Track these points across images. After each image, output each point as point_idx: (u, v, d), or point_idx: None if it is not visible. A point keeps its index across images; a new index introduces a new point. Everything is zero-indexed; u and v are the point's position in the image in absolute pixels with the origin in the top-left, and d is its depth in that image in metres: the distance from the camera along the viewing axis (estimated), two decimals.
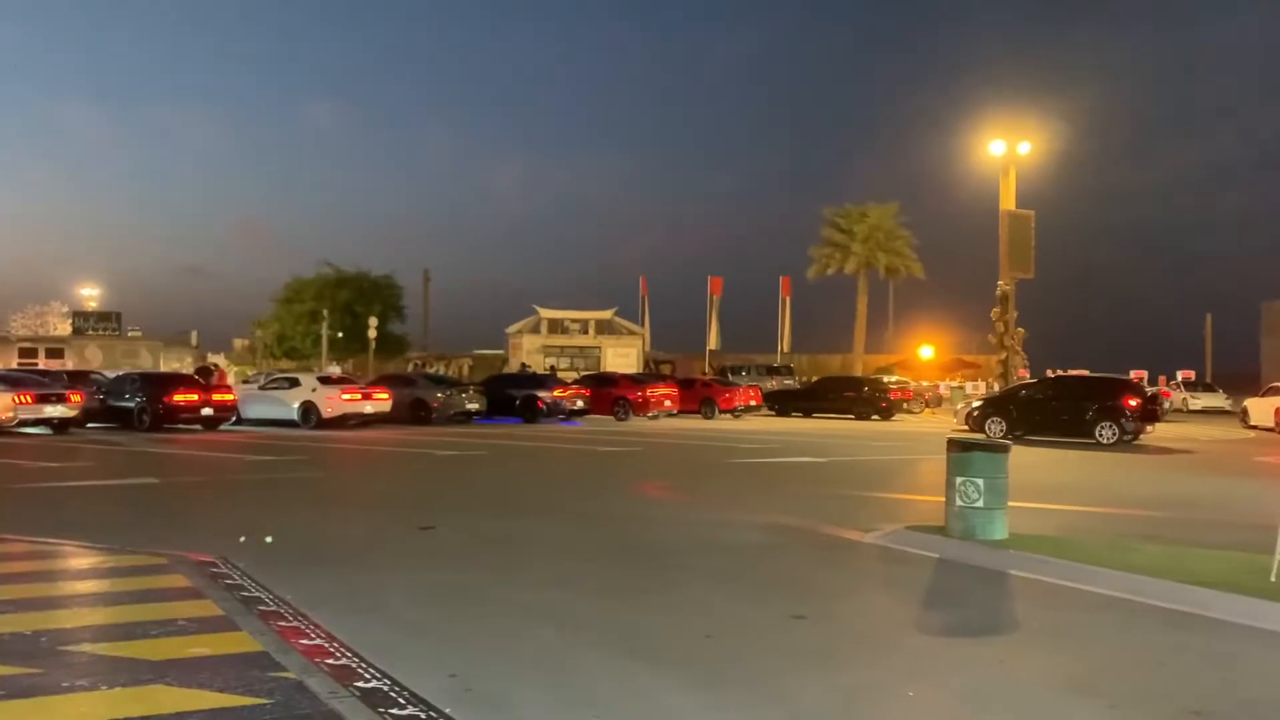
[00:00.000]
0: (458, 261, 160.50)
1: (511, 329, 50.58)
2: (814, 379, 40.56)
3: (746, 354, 52.11)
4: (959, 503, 8.69)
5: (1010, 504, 8.79)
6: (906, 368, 51.04)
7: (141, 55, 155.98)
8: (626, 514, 11.16)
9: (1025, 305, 31.47)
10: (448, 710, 4.42)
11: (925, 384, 43.77)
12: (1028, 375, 32.58)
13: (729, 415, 32.92)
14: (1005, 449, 8.94)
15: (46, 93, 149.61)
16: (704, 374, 42.98)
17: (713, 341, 52.59)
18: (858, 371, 45.64)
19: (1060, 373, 35.38)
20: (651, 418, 30.69)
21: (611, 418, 30.50)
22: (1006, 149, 30.98)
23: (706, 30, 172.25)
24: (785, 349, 52.58)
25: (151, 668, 4.87)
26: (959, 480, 8.69)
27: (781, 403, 35.32)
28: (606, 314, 50.72)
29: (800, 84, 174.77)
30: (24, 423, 22.74)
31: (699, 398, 33.22)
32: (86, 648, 5.25)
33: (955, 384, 43.81)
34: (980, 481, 8.59)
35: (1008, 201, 30.78)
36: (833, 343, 57.39)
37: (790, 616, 6.42)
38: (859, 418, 32.35)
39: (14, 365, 37.50)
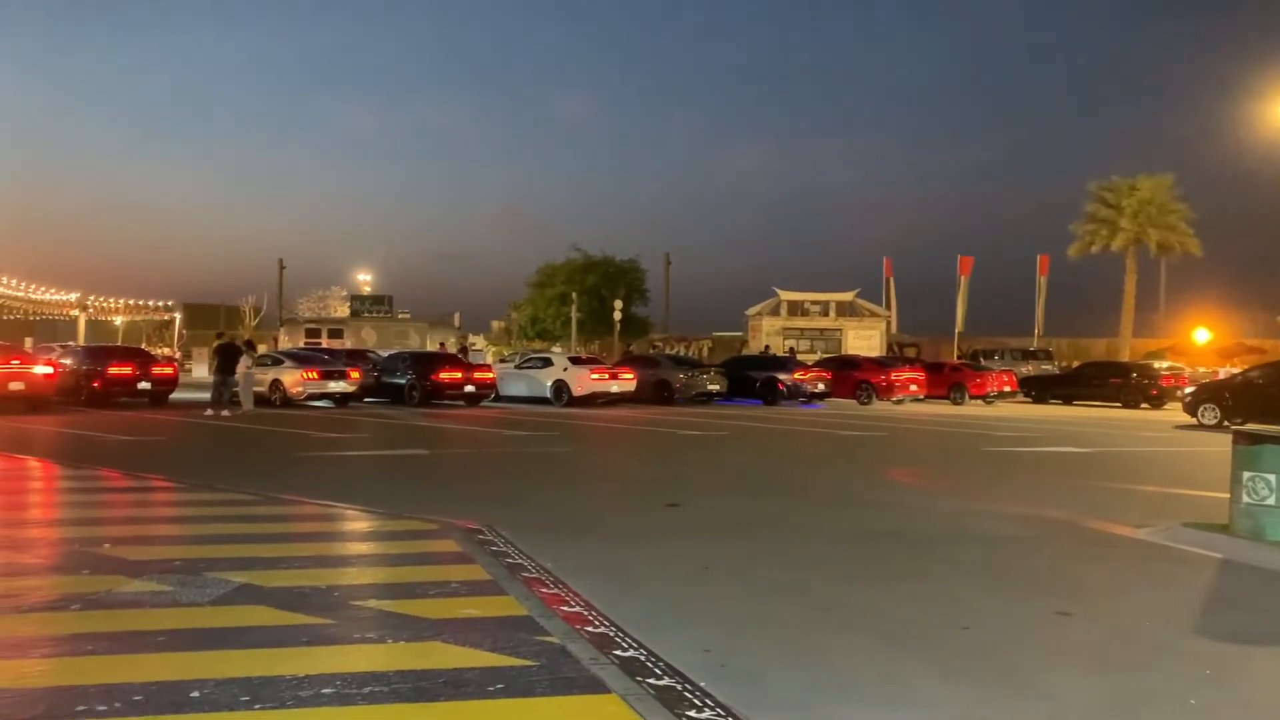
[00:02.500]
0: (699, 245, 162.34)
1: (751, 311, 50.53)
2: (1075, 364, 38.12)
3: (997, 337, 49.63)
4: (1246, 500, 7.92)
5: None
6: (1179, 353, 46.83)
7: (406, 51, 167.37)
8: (873, 499, 10.93)
9: None
10: (703, 684, 4.50)
11: (1201, 370, 40.10)
12: None
13: (980, 401, 31.50)
14: None
15: (326, 93, 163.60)
16: (953, 358, 41.33)
17: (961, 324, 50.43)
18: (1124, 356, 42.42)
19: None
20: (896, 402, 29.87)
21: (854, 401, 29.94)
22: None
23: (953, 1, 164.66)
24: (1040, 331, 49.65)
25: (429, 625, 5.24)
26: (1247, 475, 7.91)
27: (1038, 388, 33.48)
28: (848, 296, 49.68)
29: (1058, 50, 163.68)
30: (311, 397, 25.11)
31: (948, 382, 31.98)
32: (372, 603, 5.72)
33: (1237, 370, 39.91)
34: (1271, 478, 7.78)
35: None
36: (1094, 326, 53.71)
37: (1054, 613, 6.07)
38: (1126, 405, 30.16)
39: (301, 345, 41.26)
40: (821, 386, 29.52)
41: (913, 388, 30.44)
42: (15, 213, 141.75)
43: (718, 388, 28.80)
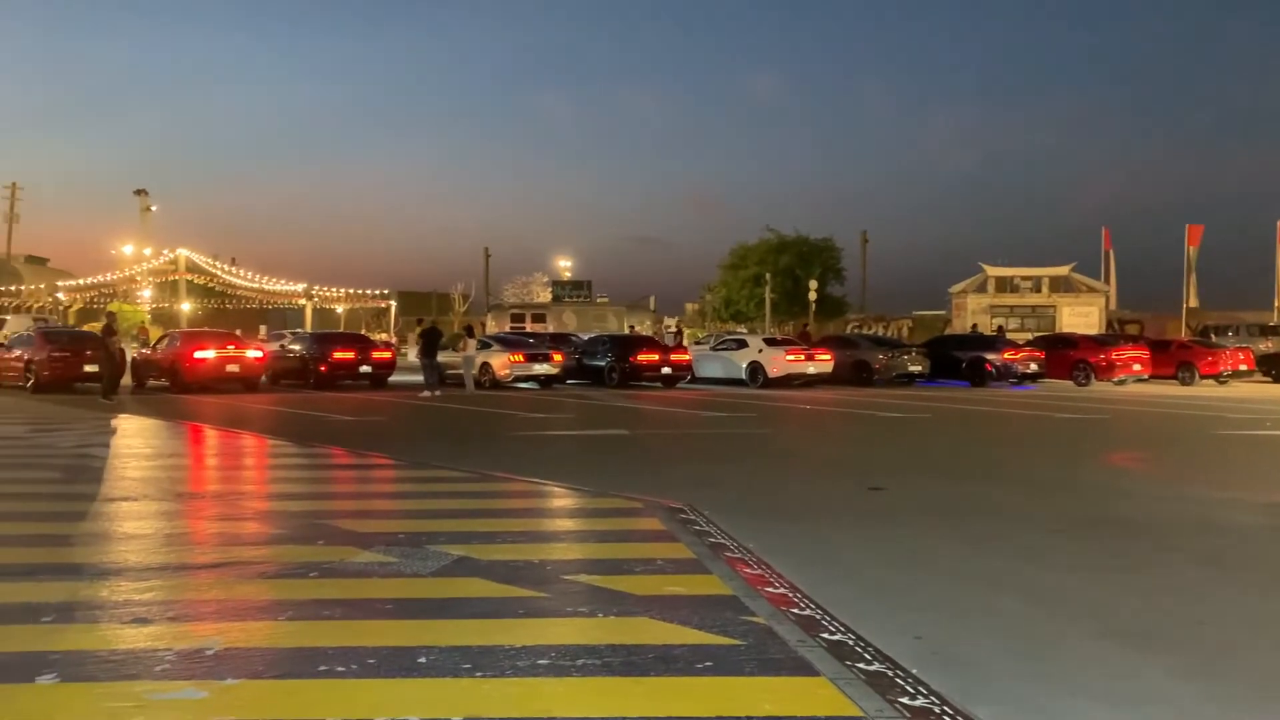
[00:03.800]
0: (897, 221, 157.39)
1: (955, 289, 48.70)
2: None
3: (1231, 311, 45.79)
4: None
5: None
6: None
7: (598, 42, 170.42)
8: (1091, 484, 10.32)
9: None
10: (915, 671, 4.38)
11: None
12: None
13: (1212, 381, 29.21)
14: None
15: (526, 87, 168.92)
16: (1181, 335, 38.45)
17: (1191, 299, 46.85)
18: None
19: None
20: (1117, 383, 28.10)
21: (1069, 382, 28.40)
22: None
23: None
24: None
25: (636, 601, 5.34)
26: None
27: (1279, 368, 30.72)
28: (1062, 270, 47.05)
29: None
30: (517, 379, 26.13)
31: (1175, 361, 29.80)
32: (582, 578, 5.88)
33: None
34: None
35: None
36: None
37: None
38: None
39: (506, 329, 42.93)
40: (1034, 367, 28.12)
41: (1136, 367, 28.53)
42: (249, 210, 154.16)
43: (920, 369, 27.93)
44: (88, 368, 23.59)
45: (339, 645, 4.55)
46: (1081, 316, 44.56)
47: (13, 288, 61.45)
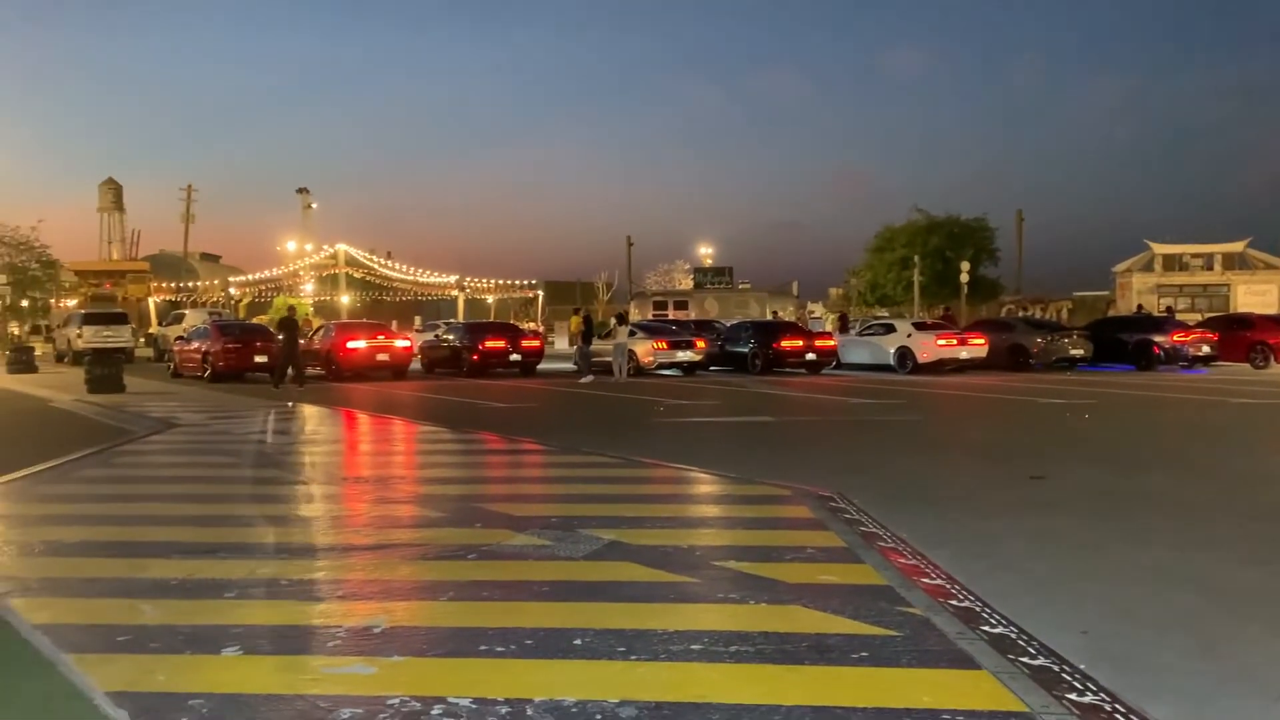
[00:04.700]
0: (1054, 199, 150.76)
1: (1119, 268, 46.41)
2: None
3: None
4: None
5: None
6: None
7: (738, 27, 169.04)
8: (1272, 474, 9.66)
9: None
10: (1082, 667, 4.20)
11: None
12: None
13: None
14: None
15: (668, 74, 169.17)
16: None
17: None
18: None
19: None
20: None
21: (1246, 365, 26.67)
22: None
23: None
24: None
25: (788, 589, 5.30)
26: None
27: None
28: (1236, 246, 44.17)
29: None
30: (661, 366, 26.30)
31: None
32: (731, 564, 5.87)
33: None
34: None
35: None
36: None
37: None
38: None
39: (649, 317, 43.19)
40: (1206, 349, 26.52)
41: None
42: (402, 204, 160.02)
43: (1081, 352, 26.69)
44: (258, 358, 25.06)
45: (498, 626, 4.68)
46: (1258, 295, 41.78)
47: (189, 284, 65.60)
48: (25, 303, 51.45)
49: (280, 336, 23.85)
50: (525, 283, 64.69)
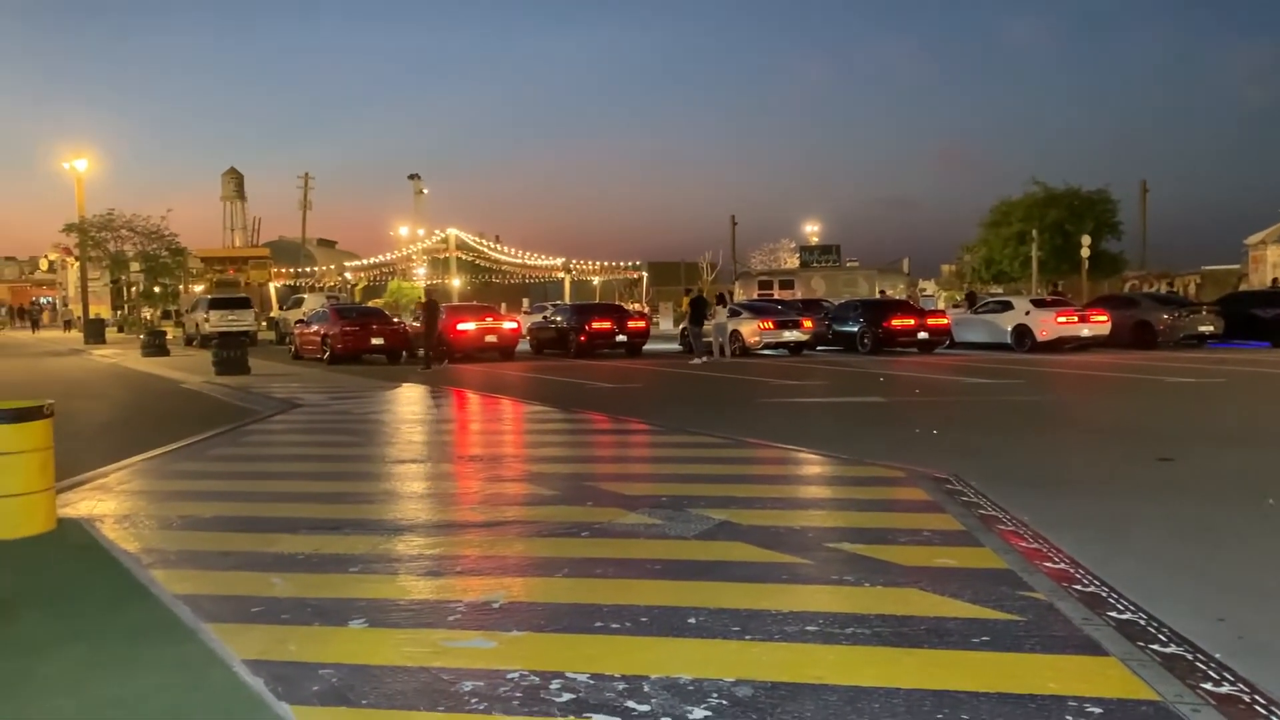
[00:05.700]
0: (1181, 170, 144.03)
1: (1251, 240, 44.09)
2: None
3: None
4: None
5: None
6: None
7: (848, 2, 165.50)
8: None
9: None
10: (1218, 655, 4.02)
11: None
12: None
13: None
14: None
15: (775, 50, 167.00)
16: None
17: None
18: None
19: None
20: None
21: None
22: None
23: None
24: None
25: (904, 572, 5.21)
26: None
27: None
28: None
29: None
30: (767, 346, 26.11)
31: None
32: (845, 546, 5.81)
33: None
34: None
35: None
36: None
37: None
38: None
39: (754, 297, 42.89)
40: None
41: None
42: (510, 188, 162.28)
43: (1211, 329, 25.46)
44: (375, 340, 25.81)
45: (613, 603, 4.74)
46: None
47: (307, 269, 67.88)
48: (157, 289, 53.96)
49: (420, 319, 24.68)
50: (630, 264, 64.97)
